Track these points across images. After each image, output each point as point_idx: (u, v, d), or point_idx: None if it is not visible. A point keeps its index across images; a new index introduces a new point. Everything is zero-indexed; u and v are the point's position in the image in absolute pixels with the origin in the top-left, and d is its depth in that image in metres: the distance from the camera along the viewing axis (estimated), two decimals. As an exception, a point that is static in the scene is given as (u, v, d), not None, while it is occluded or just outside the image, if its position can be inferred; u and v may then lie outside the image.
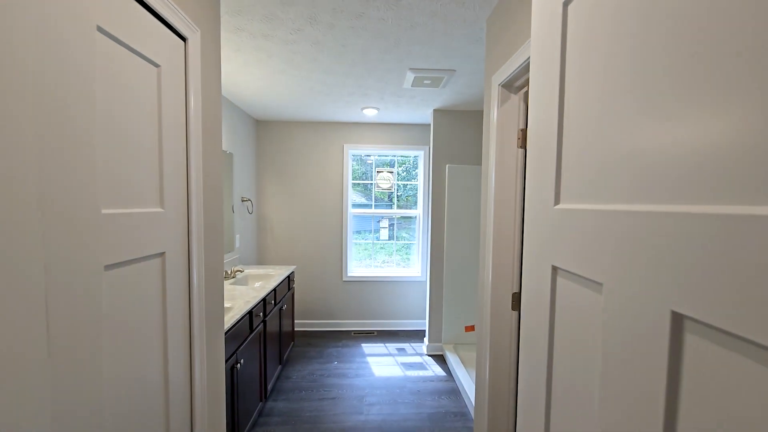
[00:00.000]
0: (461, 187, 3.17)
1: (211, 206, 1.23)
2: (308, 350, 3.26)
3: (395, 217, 3.90)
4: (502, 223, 1.46)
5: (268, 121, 3.63)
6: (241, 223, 3.18)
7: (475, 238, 3.20)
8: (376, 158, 3.86)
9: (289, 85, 2.53)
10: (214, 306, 1.27)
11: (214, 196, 1.27)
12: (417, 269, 3.88)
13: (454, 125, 3.16)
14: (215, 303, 1.28)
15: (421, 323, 3.83)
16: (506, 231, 1.46)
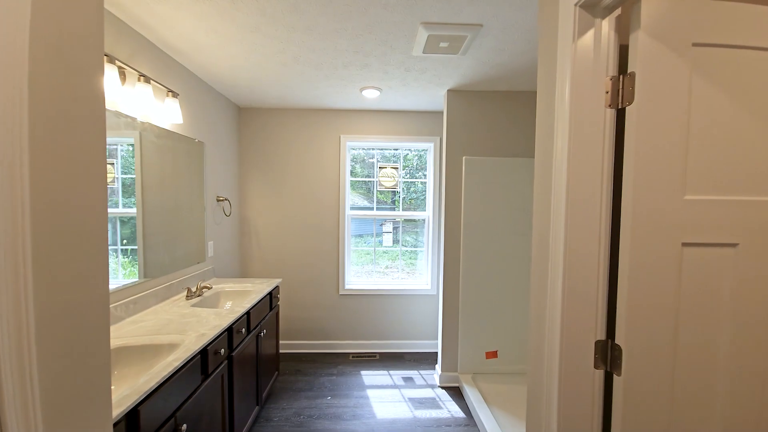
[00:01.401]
0: (482, 183, 2.63)
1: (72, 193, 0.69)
2: (296, 380, 2.70)
3: (400, 221, 3.35)
4: (580, 231, 0.91)
5: (253, 108, 3.11)
6: (215, 228, 2.65)
7: (500, 247, 2.65)
8: (378, 152, 3.33)
9: (268, 54, 2.00)
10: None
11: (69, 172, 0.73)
12: (425, 280, 3.33)
13: (472, 109, 2.62)
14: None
15: (432, 345, 3.26)
16: (587, 244, 0.91)
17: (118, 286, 1.70)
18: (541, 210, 1.07)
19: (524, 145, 2.66)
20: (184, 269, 2.22)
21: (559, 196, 0.94)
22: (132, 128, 1.74)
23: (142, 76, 1.67)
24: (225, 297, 2.25)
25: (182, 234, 2.22)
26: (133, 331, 1.49)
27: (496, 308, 2.68)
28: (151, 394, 1.08)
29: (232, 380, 1.70)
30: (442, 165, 2.76)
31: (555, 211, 0.95)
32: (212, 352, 1.49)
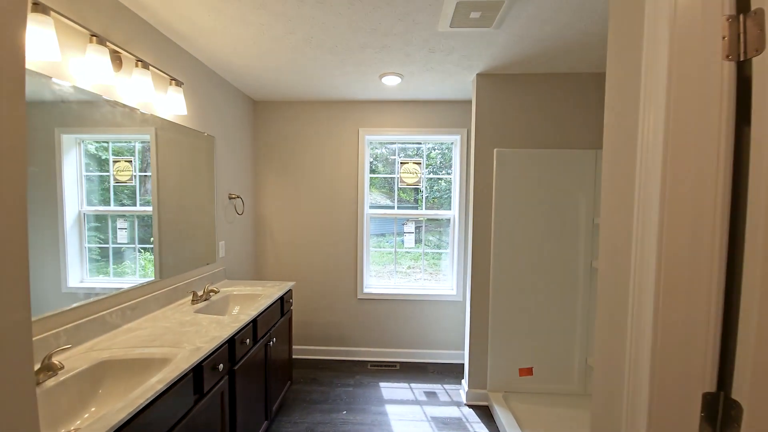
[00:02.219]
0: (515, 178, 2.33)
1: None
2: (311, 390, 2.52)
3: (423, 220, 3.11)
4: (682, 239, 0.64)
5: (268, 102, 2.96)
6: (227, 227, 2.51)
7: (536, 250, 2.35)
8: (399, 146, 3.09)
9: (277, 36, 1.81)
10: None
11: None
12: (450, 285, 3.06)
13: (505, 95, 2.33)
14: None
15: (457, 356, 3.00)
16: (692, 258, 0.64)
17: (135, 284, 1.66)
18: (613, 210, 0.80)
19: (567, 134, 2.33)
20: (193, 270, 2.09)
21: (648, 191, 0.67)
22: (131, 119, 1.61)
23: (139, 62, 1.53)
24: (233, 301, 2.10)
25: (190, 233, 2.08)
26: (125, 342, 1.35)
27: (532, 319, 2.38)
28: (125, 425, 0.91)
29: (234, 397, 1.53)
30: (470, 159, 2.49)
31: (641, 212, 0.69)
32: (209, 367, 1.31)
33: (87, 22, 1.34)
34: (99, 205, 1.56)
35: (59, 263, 1.35)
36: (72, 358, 1.21)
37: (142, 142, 1.77)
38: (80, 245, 1.46)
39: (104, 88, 1.44)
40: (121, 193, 1.73)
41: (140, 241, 1.78)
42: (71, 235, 1.40)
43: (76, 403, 1.10)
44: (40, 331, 1.18)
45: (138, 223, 1.77)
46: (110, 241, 1.67)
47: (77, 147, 1.44)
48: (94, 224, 1.54)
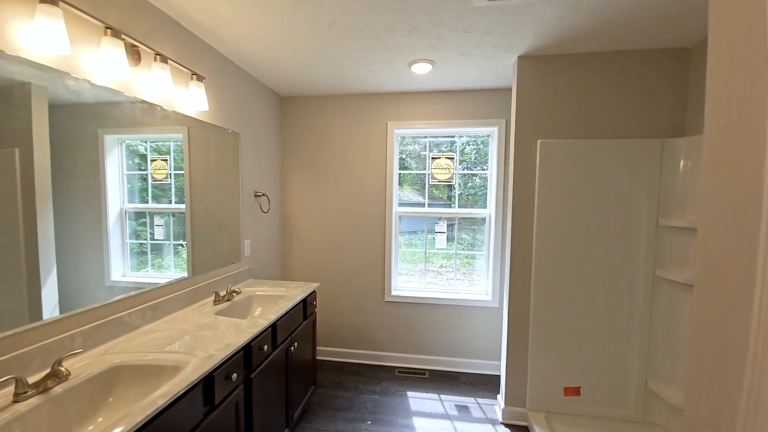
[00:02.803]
0: (562, 172, 2.06)
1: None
2: (335, 396, 2.43)
3: (456, 219, 2.89)
4: None
5: (294, 97, 2.89)
6: (253, 226, 2.47)
7: (585, 253, 2.07)
8: (430, 140, 2.90)
9: (297, 23, 1.70)
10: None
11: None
12: (485, 289, 2.83)
13: (550, 78, 2.06)
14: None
15: (492, 367, 2.77)
16: None
17: (171, 280, 1.72)
18: (718, 212, 0.58)
19: (626, 121, 2.02)
20: (219, 269, 2.07)
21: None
22: (151, 115, 1.57)
23: (158, 55, 1.48)
24: (256, 302, 2.05)
25: (216, 232, 2.06)
26: (141, 345, 1.31)
27: (580, 332, 2.10)
28: None
29: (250, 407, 1.45)
30: (509, 152, 2.24)
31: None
32: (221, 377, 1.24)
33: (103, 14, 1.30)
34: (138, 203, 1.61)
35: (102, 258, 1.40)
36: (86, 362, 1.18)
37: (175, 141, 1.79)
38: (122, 241, 1.52)
39: (122, 83, 1.40)
40: (158, 191, 1.76)
41: (174, 238, 1.82)
42: (114, 231, 1.46)
43: (86, 411, 1.06)
44: (78, 324, 1.20)
45: (173, 220, 1.81)
46: (148, 237, 1.70)
47: (119, 147, 1.49)
48: (134, 221, 1.59)
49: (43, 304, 1.16)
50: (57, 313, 1.20)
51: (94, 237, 1.38)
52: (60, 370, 1.02)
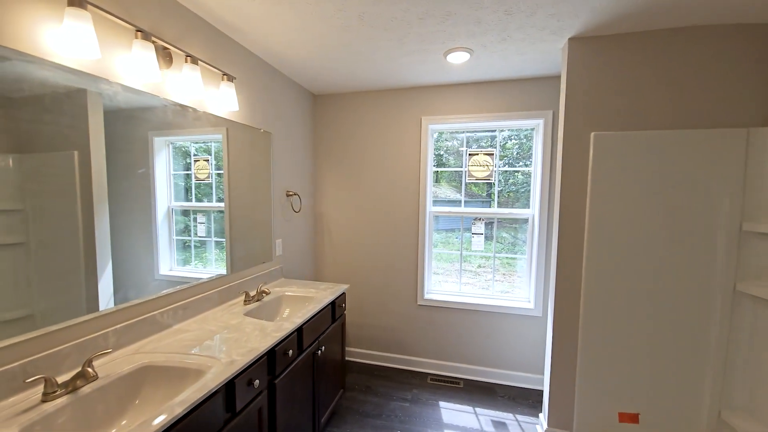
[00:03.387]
0: (619, 168, 1.81)
1: None
2: (365, 400, 2.37)
3: (495, 219, 2.69)
4: None
5: (327, 95, 2.85)
6: (284, 225, 2.47)
7: (646, 260, 1.80)
8: (467, 135, 2.72)
9: (326, 16, 1.63)
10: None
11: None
12: (526, 295, 2.62)
13: (608, 62, 1.81)
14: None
15: (533, 381, 2.55)
16: None
17: (213, 275, 1.80)
18: None
19: (700, 109, 1.72)
20: (252, 268, 2.08)
21: None
22: (182, 117, 1.59)
23: (189, 57, 1.48)
24: (286, 303, 2.03)
25: (249, 230, 2.07)
26: (170, 345, 1.32)
27: (640, 349, 1.84)
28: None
29: (274, 412, 1.42)
30: (557, 146, 2.02)
31: None
32: (243, 383, 1.21)
33: (134, 17, 1.31)
34: (183, 201, 1.69)
35: (152, 253, 1.49)
36: (118, 360, 1.20)
37: (216, 141, 1.85)
38: (169, 237, 1.61)
39: (154, 86, 1.41)
40: (200, 190, 1.82)
41: (215, 235, 1.89)
42: (162, 227, 1.54)
43: (113, 411, 1.07)
44: (140, 312, 1.35)
45: (213, 218, 1.88)
46: (192, 234, 1.76)
47: (166, 148, 1.57)
48: (180, 218, 1.67)
49: (99, 295, 1.23)
50: (112, 305, 1.28)
51: (145, 233, 1.46)
52: (88, 371, 1.03)
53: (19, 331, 1.01)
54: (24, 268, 1.03)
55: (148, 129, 1.43)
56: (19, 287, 1.02)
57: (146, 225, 1.47)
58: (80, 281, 1.18)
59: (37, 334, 1.03)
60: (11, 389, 0.94)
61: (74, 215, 1.16)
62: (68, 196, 1.14)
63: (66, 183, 1.13)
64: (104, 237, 1.25)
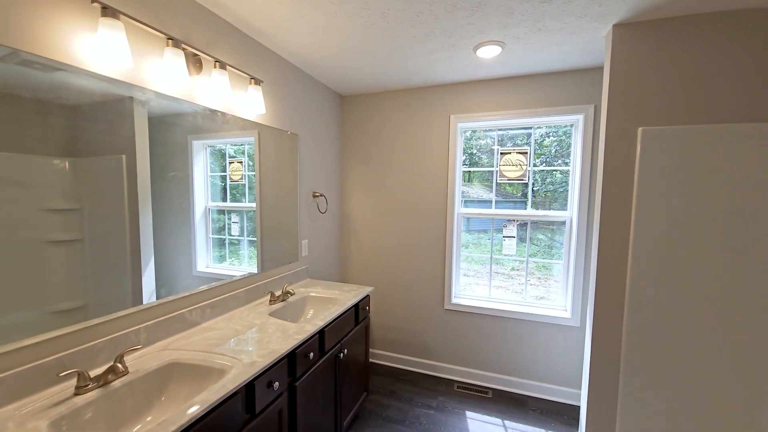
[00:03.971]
0: (671, 167, 1.62)
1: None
2: (388, 405, 2.33)
3: (529, 221, 2.54)
4: None
5: (354, 95, 2.84)
6: (311, 226, 2.49)
7: (700, 269, 1.61)
8: (500, 133, 2.59)
9: (349, 14, 1.60)
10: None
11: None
12: (562, 303, 2.45)
13: (658, 49, 1.63)
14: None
15: (569, 395, 2.38)
16: None
17: (245, 273, 1.87)
18: None
19: None
20: (279, 267, 2.12)
21: None
22: (212, 121, 1.63)
23: (217, 62, 1.52)
24: (310, 304, 2.04)
25: (276, 231, 2.11)
26: (197, 343, 1.36)
27: (695, 369, 1.64)
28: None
29: (295, 415, 1.42)
30: (599, 143, 1.86)
31: None
32: (262, 385, 1.21)
33: (166, 26, 1.36)
34: (219, 201, 1.77)
35: (191, 251, 1.57)
36: (148, 355, 1.25)
37: (249, 144, 1.92)
38: (206, 236, 1.68)
39: (185, 92, 1.46)
40: (234, 191, 1.90)
41: (247, 235, 1.96)
42: (199, 226, 1.62)
43: (141, 407, 1.11)
44: (178, 307, 1.44)
45: (246, 217, 1.95)
46: (227, 233, 1.83)
47: (204, 151, 1.64)
48: (216, 217, 1.75)
49: (143, 289, 1.32)
50: (154, 299, 1.36)
51: (184, 232, 1.54)
52: (118, 366, 1.08)
53: (73, 320, 1.10)
54: (80, 263, 1.13)
55: (186, 133, 1.51)
56: (75, 280, 1.12)
57: (185, 224, 1.55)
58: (126, 276, 1.27)
59: (76, 328, 1.10)
60: (47, 382, 1.00)
61: (122, 214, 1.25)
62: (117, 197, 1.23)
63: (115, 184, 1.23)
64: (147, 235, 1.34)
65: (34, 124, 1.00)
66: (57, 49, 1.03)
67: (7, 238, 0.96)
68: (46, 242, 1.05)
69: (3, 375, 0.92)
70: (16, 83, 0.95)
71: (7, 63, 0.93)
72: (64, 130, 1.07)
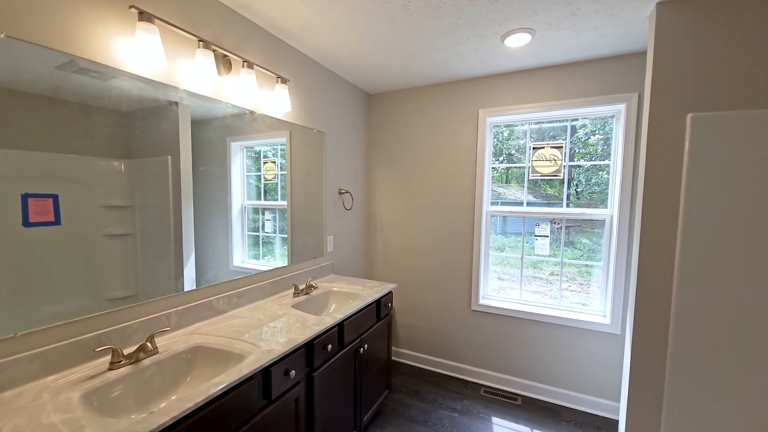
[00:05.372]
0: (726, 158, 1.44)
1: None
2: (411, 405, 2.29)
3: (564, 220, 2.39)
4: None
5: (382, 93, 2.85)
6: (336, 222, 2.53)
7: (763, 272, 1.41)
8: (533, 127, 2.47)
9: (371, 9, 1.60)
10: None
11: None
12: (600, 308, 2.27)
13: (710, 27, 1.46)
14: None
15: (606, 408, 2.20)
16: None
17: (274, 267, 1.97)
18: None
19: None
20: (304, 262, 2.17)
21: None
22: (242, 120, 1.71)
23: (245, 62, 1.59)
24: (333, 298, 2.07)
25: (302, 226, 2.17)
26: (221, 330, 1.42)
27: (753, 382, 1.45)
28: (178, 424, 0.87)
29: (312, 404, 1.44)
30: (642, 133, 1.71)
31: None
32: (279, 372, 1.24)
33: (198, 29, 1.44)
34: (254, 200, 1.87)
35: (228, 246, 1.67)
36: (177, 338, 1.33)
37: (281, 145, 2.01)
38: (242, 233, 1.79)
39: (214, 91, 1.54)
40: (269, 190, 1.99)
41: (279, 232, 2.05)
42: (236, 223, 1.72)
43: (168, 385, 1.19)
44: (206, 295, 1.55)
45: (278, 215, 2.04)
46: (261, 230, 1.93)
47: (241, 152, 1.75)
48: (252, 216, 1.86)
49: (185, 280, 1.44)
50: (194, 287, 1.49)
51: (222, 229, 1.65)
52: (148, 345, 1.16)
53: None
54: (132, 255, 1.26)
55: (224, 135, 1.62)
56: (128, 270, 1.24)
57: (224, 221, 1.66)
58: (170, 267, 1.39)
59: (114, 309, 1.19)
60: (85, 357, 1.10)
61: (167, 210, 1.37)
62: (162, 194, 1.36)
63: (161, 183, 1.35)
64: (189, 230, 1.46)
65: (95, 129, 1.13)
66: (101, 53, 1.13)
67: (73, 232, 1.09)
68: (105, 236, 1.18)
69: (44, 349, 1.01)
70: (77, 90, 1.08)
71: (66, 71, 1.05)
72: (119, 134, 1.20)
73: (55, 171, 1.05)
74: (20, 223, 0.98)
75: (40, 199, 1.02)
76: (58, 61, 1.04)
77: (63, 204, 1.06)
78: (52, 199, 1.04)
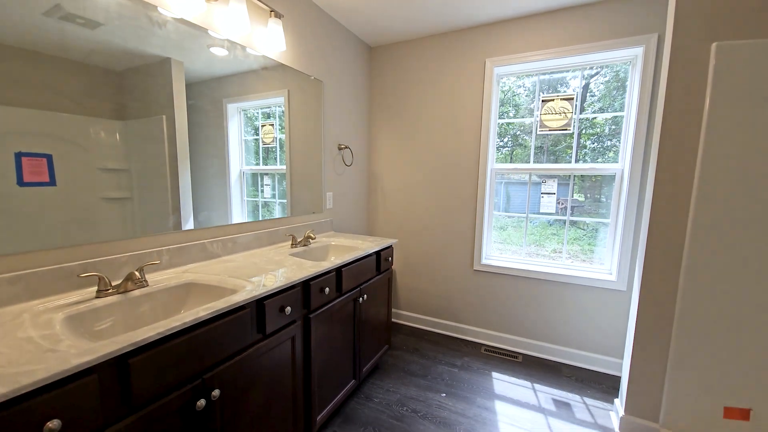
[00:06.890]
0: (758, 96, 1.33)
1: None
2: (410, 360, 2.29)
3: (572, 176, 2.30)
4: None
5: (384, 46, 2.70)
6: (335, 179, 2.45)
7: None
8: (543, 78, 2.33)
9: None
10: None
11: None
12: (607, 266, 2.21)
13: (749, -59, 1.31)
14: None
15: (609, 365, 2.18)
16: None
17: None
18: None
19: None
20: (302, 216, 2.11)
21: None
22: (236, 77, 1.60)
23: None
24: (332, 251, 2.02)
25: (300, 180, 2.09)
26: (215, 269, 1.38)
27: (759, 333, 1.40)
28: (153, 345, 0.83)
29: (309, 346, 1.41)
30: (660, 75, 1.59)
31: None
32: (273, 307, 1.20)
33: (180, -55, 1.32)
34: (253, 165, 1.80)
35: (227, 212, 1.62)
36: (168, 276, 1.28)
37: (279, 107, 1.93)
38: (241, 198, 1.73)
39: (202, 17, 1.43)
40: (267, 153, 1.92)
41: (279, 197, 1.98)
42: (234, 189, 1.66)
43: (159, 317, 1.15)
44: (199, 237, 1.49)
45: (277, 179, 1.96)
46: (260, 194, 1.87)
47: (238, 114, 1.66)
48: (250, 181, 1.79)
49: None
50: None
51: (220, 195, 1.59)
52: (136, 274, 1.11)
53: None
54: (131, 220, 1.23)
55: (222, 96, 1.54)
56: (127, 236, 1.22)
57: (222, 186, 1.60)
58: (169, 228, 1.36)
59: (102, 240, 1.14)
60: (70, 285, 1.05)
61: (164, 175, 1.33)
62: (159, 157, 1.30)
63: (157, 145, 1.29)
64: (186, 193, 1.41)
65: (87, 87, 1.07)
66: (70, -44, 1.02)
67: (70, 193, 1.05)
68: (103, 199, 1.13)
69: (25, 272, 0.97)
70: (64, 43, 1.01)
71: (53, 18, 0.98)
72: (113, 94, 1.13)
73: (48, 129, 1.00)
74: (15, 183, 0.95)
75: (35, 159, 0.98)
76: (44, 7, 0.97)
77: (57, 165, 1.02)
78: (46, 159, 1.00)
